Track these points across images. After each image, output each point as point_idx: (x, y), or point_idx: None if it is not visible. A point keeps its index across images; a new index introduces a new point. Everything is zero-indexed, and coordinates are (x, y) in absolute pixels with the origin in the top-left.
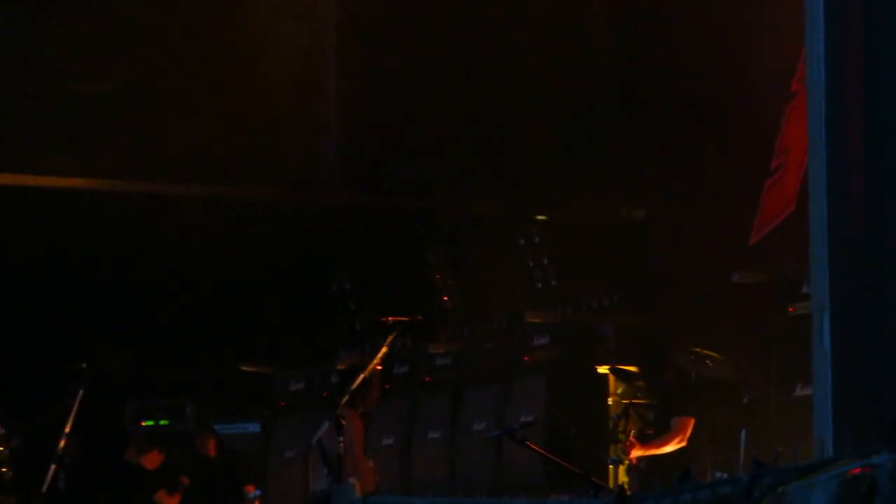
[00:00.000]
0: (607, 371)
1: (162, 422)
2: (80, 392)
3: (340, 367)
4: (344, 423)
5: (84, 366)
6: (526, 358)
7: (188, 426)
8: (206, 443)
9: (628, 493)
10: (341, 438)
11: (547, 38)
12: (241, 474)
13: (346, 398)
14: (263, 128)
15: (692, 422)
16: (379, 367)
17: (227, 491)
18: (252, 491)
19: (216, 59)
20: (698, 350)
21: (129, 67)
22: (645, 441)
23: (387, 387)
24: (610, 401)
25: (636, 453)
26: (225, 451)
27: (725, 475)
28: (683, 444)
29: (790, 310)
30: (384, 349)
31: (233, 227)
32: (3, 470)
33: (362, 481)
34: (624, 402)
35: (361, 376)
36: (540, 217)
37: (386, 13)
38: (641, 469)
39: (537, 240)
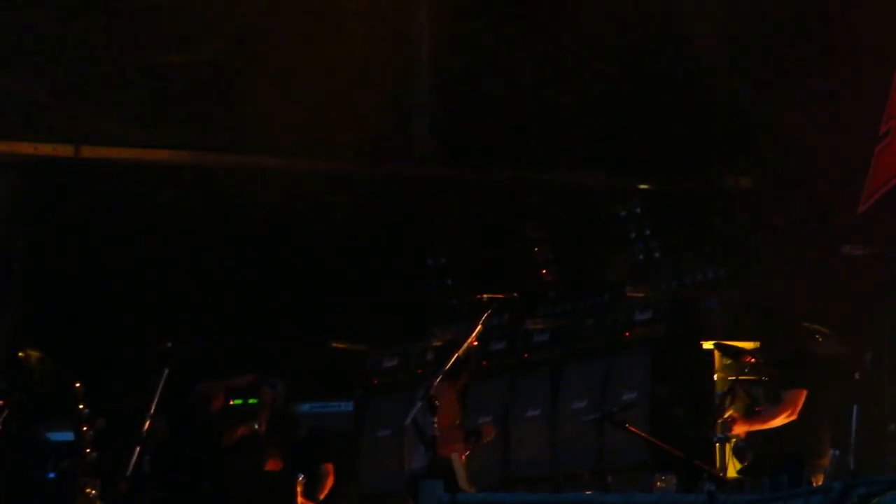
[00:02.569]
0: (713, 347)
1: (251, 401)
2: (166, 372)
3: (436, 344)
4: (437, 403)
5: (169, 345)
6: (627, 334)
7: (278, 404)
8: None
9: (732, 477)
10: (435, 419)
11: (648, 6)
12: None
13: (438, 378)
14: (358, 102)
15: (804, 394)
16: (475, 344)
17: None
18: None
19: (311, 34)
20: (808, 325)
21: (219, 41)
22: (751, 416)
23: (484, 364)
24: (716, 377)
25: (739, 429)
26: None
27: (837, 452)
28: (793, 417)
29: None
30: (479, 327)
31: (327, 203)
32: (88, 451)
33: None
34: (730, 378)
35: (455, 355)
36: (642, 186)
37: None
38: (759, 443)
39: (639, 211)
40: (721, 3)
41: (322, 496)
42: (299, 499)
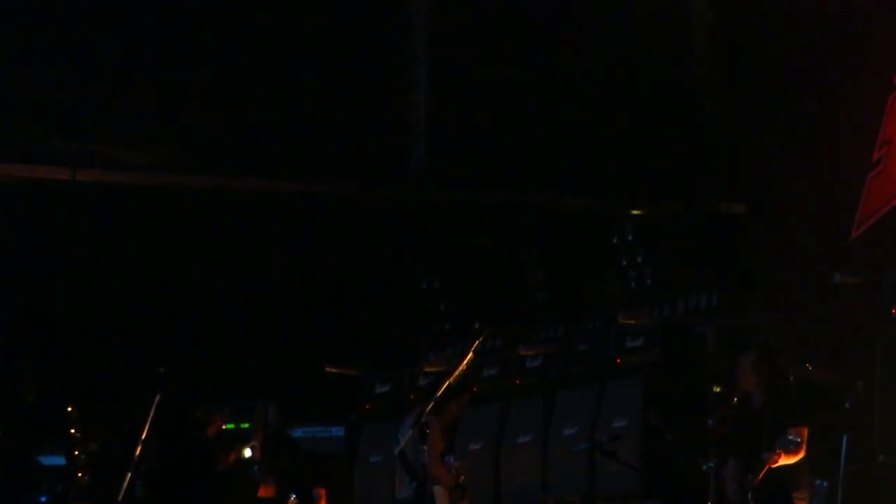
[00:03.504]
0: (705, 374)
1: (243, 425)
2: (158, 397)
3: (429, 369)
4: (428, 431)
5: (162, 370)
6: (619, 361)
7: (271, 429)
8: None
9: None
10: (425, 447)
11: (643, 30)
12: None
13: (430, 405)
14: (352, 125)
15: (807, 431)
16: (467, 370)
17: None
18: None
19: (306, 55)
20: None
21: (215, 61)
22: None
23: (476, 389)
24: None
25: (781, 462)
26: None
27: (825, 483)
28: (802, 455)
29: (893, 311)
30: (470, 355)
31: (320, 224)
32: (80, 475)
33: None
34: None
35: (447, 382)
36: (634, 212)
37: (475, 16)
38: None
39: (631, 238)
40: (713, 31)
41: None
42: None
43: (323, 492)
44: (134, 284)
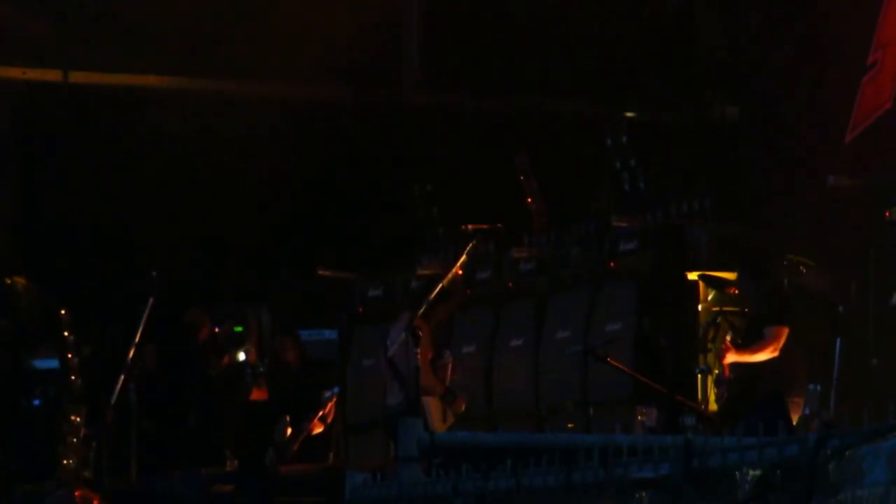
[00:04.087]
0: (697, 278)
1: (236, 328)
2: (151, 300)
3: (421, 273)
4: (421, 334)
5: (154, 273)
6: (612, 264)
7: (264, 332)
8: (285, 346)
9: (711, 414)
10: (418, 350)
11: None
12: (319, 379)
13: (423, 308)
14: (345, 28)
15: (786, 331)
16: (460, 274)
17: (307, 394)
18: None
19: None
20: (792, 257)
21: None
22: (739, 348)
23: (468, 293)
24: (700, 308)
25: (731, 359)
26: (305, 354)
27: (819, 387)
28: (776, 354)
29: (886, 214)
30: (463, 258)
31: (313, 128)
32: (73, 378)
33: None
34: (713, 310)
35: (439, 286)
36: (628, 115)
37: None
38: (732, 381)
39: (625, 141)
40: None
41: (331, 419)
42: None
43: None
44: (127, 187)
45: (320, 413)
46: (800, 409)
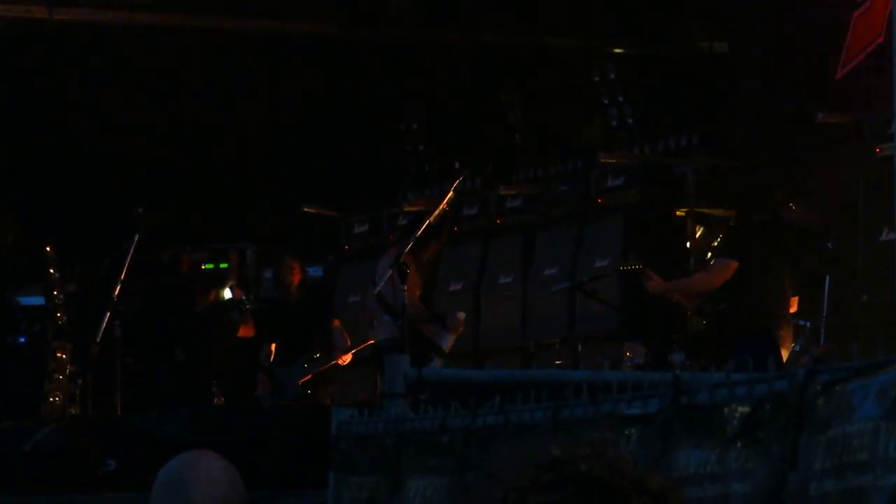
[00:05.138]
0: (685, 214)
1: (222, 265)
2: (136, 237)
3: (407, 209)
4: (408, 270)
5: (140, 210)
6: (600, 200)
7: (249, 270)
8: (291, 268)
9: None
10: (405, 286)
11: None
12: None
13: (410, 244)
14: None
15: (733, 265)
16: (447, 210)
17: (308, 326)
18: (337, 324)
19: None
20: (782, 192)
21: None
22: (670, 278)
23: (455, 230)
24: (688, 245)
25: (655, 289)
26: (307, 280)
27: (808, 323)
28: (712, 286)
29: (878, 151)
30: (451, 194)
31: (299, 64)
32: (58, 315)
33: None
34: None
35: (427, 221)
36: (616, 51)
37: None
38: (708, 314)
39: (613, 76)
40: None
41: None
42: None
43: (338, 322)
44: (112, 124)
45: (359, 347)
46: (788, 345)
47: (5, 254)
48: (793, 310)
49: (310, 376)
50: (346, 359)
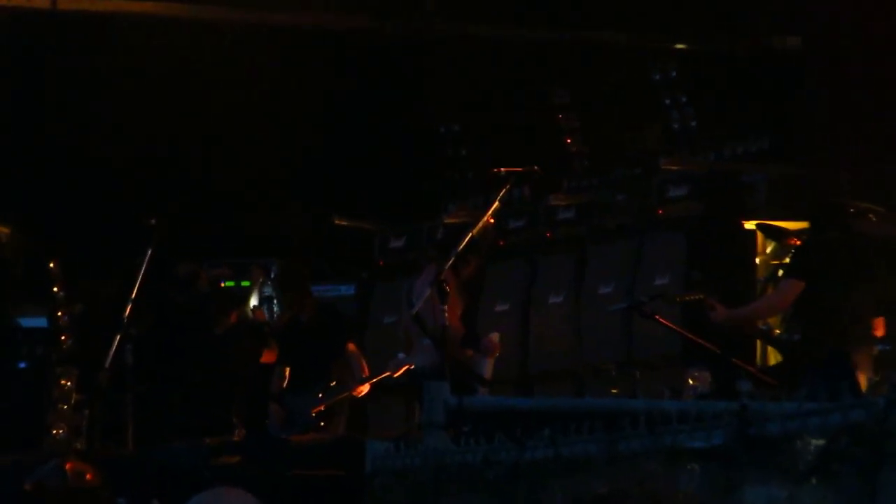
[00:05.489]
0: (755, 227)
1: (244, 283)
2: (149, 252)
3: (448, 222)
4: (448, 289)
5: (153, 221)
6: (660, 211)
7: (274, 289)
8: (304, 302)
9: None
10: (446, 307)
11: None
12: (339, 332)
13: (451, 261)
14: None
15: (799, 288)
16: (491, 223)
17: (323, 351)
18: (353, 349)
19: None
20: (860, 204)
21: None
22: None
23: (501, 244)
24: (758, 261)
25: (719, 319)
26: (321, 309)
27: (889, 347)
28: (780, 310)
29: None
30: (496, 204)
31: (325, 62)
32: (63, 339)
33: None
34: (773, 263)
35: (469, 235)
36: (678, 47)
37: None
38: (794, 342)
39: (675, 75)
40: None
41: (367, 373)
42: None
43: (353, 347)
44: (122, 124)
45: (377, 378)
46: (867, 371)
47: (3, 269)
48: (879, 333)
49: (322, 406)
50: (363, 390)
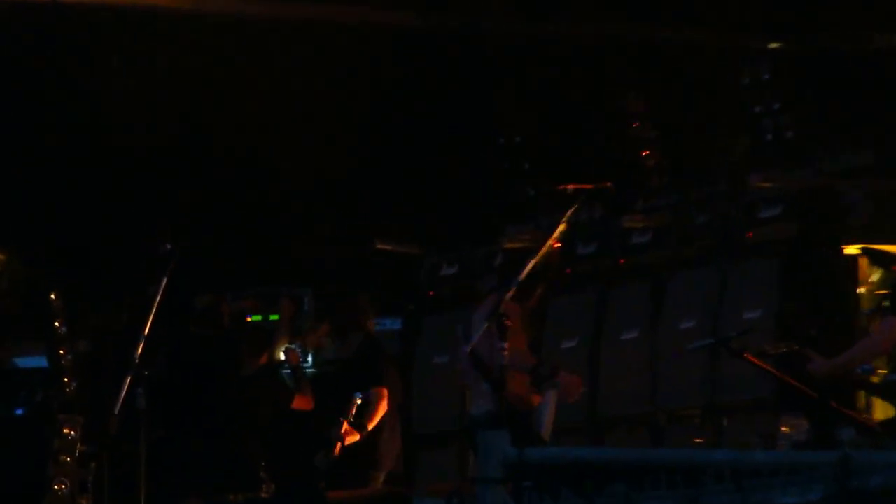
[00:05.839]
0: (858, 252)
1: (272, 317)
2: (164, 281)
3: (507, 247)
4: (509, 323)
5: (169, 247)
6: (750, 235)
7: (306, 322)
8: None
9: (874, 424)
10: (506, 346)
11: None
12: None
13: (511, 291)
14: None
15: None
16: (557, 248)
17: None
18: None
19: None
20: None
21: None
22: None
23: (568, 272)
24: (862, 291)
25: (818, 372)
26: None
27: None
28: (883, 352)
29: None
30: (562, 226)
31: (367, 62)
32: (66, 380)
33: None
34: (879, 293)
35: (532, 262)
36: (771, 47)
37: None
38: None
39: (766, 77)
40: None
41: (371, 425)
42: (344, 427)
43: (384, 392)
44: (132, 137)
45: (349, 418)
46: None
47: None
48: None
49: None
50: (351, 437)
